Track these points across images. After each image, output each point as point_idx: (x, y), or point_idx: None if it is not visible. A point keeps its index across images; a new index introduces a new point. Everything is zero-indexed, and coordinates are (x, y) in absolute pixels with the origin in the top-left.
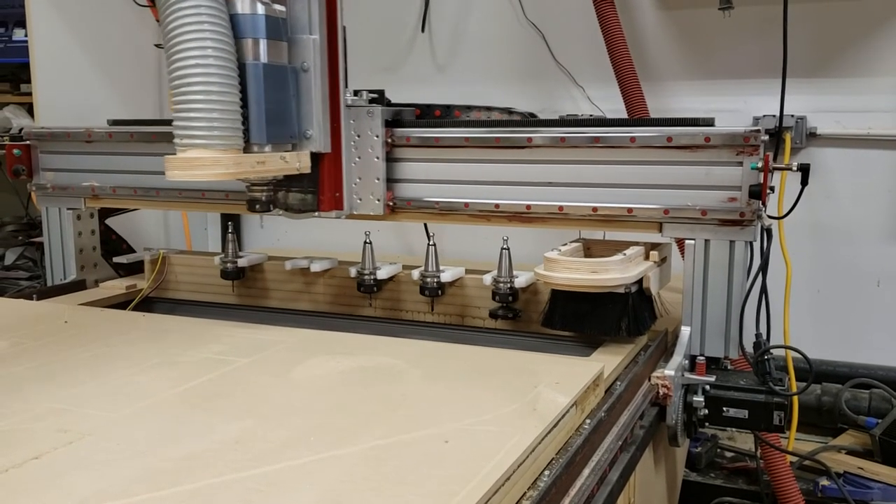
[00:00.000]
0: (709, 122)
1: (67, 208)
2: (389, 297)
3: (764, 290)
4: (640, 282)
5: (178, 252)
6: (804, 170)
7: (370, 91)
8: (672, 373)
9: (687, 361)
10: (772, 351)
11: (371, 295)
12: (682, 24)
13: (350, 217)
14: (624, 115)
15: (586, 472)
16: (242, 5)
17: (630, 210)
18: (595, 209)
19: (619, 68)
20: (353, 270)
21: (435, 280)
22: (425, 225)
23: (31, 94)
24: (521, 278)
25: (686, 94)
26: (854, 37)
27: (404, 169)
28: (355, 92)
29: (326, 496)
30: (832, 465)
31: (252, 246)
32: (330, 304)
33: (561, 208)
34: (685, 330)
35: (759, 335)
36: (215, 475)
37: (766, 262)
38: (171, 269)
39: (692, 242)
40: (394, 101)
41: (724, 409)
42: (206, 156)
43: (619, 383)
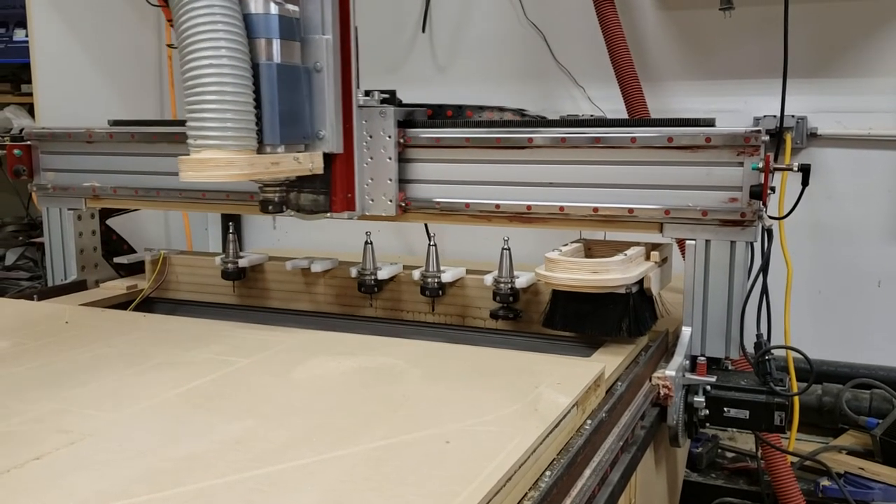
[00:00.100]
0: (709, 123)
1: (68, 209)
2: (390, 297)
3: (765, 291)
4: (640, 282)
5: (178, 252)
6: (805, 170)
7: (381, 91)
8: (673, 373)
9: (688, 362)
10: (772, 351)
11: (372, 295)
12: (683, 25)
13: (362, 218)
14: (624, 115)
15: (587, 472)
16: (256, 5)
17: (631, 210)
18: (596, 209)
19: (619, 68)
20: (353, 271)
21: (436, 280)
22: (426, 225)
23: (31, 94)
24: (522, 279)
25: (686, 95)
26: (855, 37)
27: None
28: (366, 92)
29: (327, 496)
30: (833, 466)
31: (253, 246)
32: (331, 304)
33: (562, 209)
34: (686, 330)
35: (759, 335)
36: (216, 475)
37: (766, 263)
38: (172, 269)
39: (693, 243)
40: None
41: (725, 409)
42: (221, 157)
43: (620, 384)
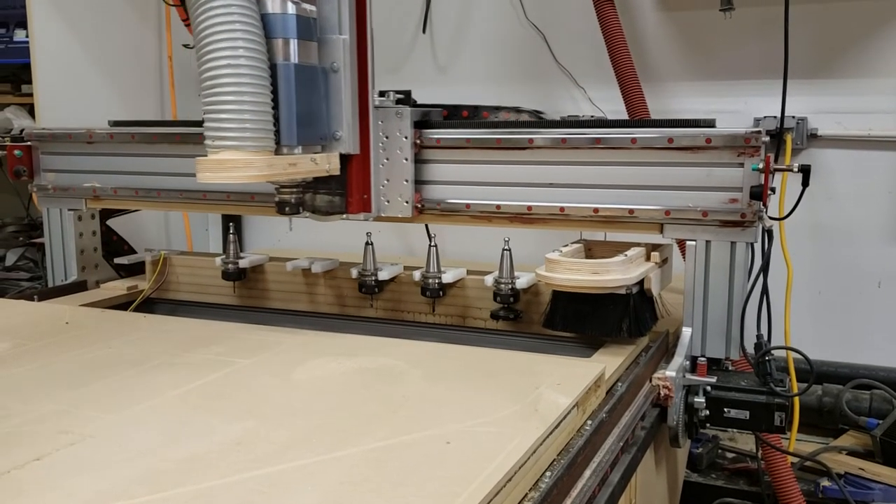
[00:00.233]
0: (710, 124)
1: (68, 209)
2: (390, 297)
3: (765, 291)
4: (641, 283)
5: (179, 253)
6: (805, 171)
7: (396, 91)
8: (673, 374)
9: (688, 362)
10: (773, 352)
11: (372, 296)
12: (683, 25)
13: (378, 219)
14: (625, 116)
15: (588, 473)
16: (273, 5)
17: (631, 211)
18: (596, 210)
19: (619, 69)
20: (354, 271)
21: (436, 281)
22: (426, 225)
23: (32, 94)
24: (523, 279)
25: (687, 96)
26: (855, 38)
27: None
28: (381, 93)
29: (328, 497)
30: (833, 466)
31: (253, 247)
32: (331, 304)
33: (562, 209)
34: (686, 331)
35: (760, 336)
36: (217, 476)
37: (767, 263)
38: (173, 269)
39: (693, 243)
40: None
41: (726, 409)
42: (239, 158)
43: (620, 384)
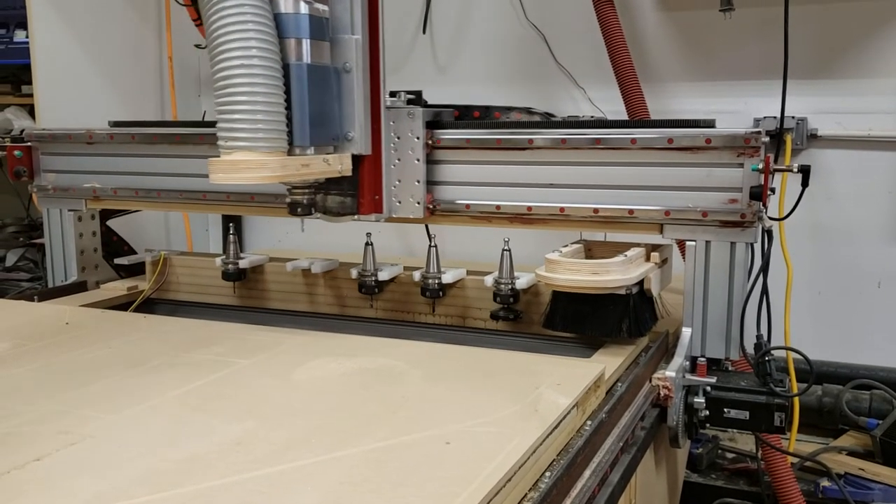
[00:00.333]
0: (709, 124)
1: (68, 210)
2: (390, 298)
3: (765, 292)
4: (641, 283)
5: (179, 253)
6: (805, 171)
7: (407, 92)
8: (673, 374)
9: (688, 363)
10: (773, 352)
11: (372, 296)
12: (683, 26)
13: (389, 220)
14: (625, 116)
15: (587, 473)
16: (286, 5)
17: (631, 211)
18: (596, 210)
19: (619, 70)
20: (354, 272)
21: (436, 281)
22: (426, 226)
23: (32, 95)
24: (523, 279)
25: (687, 96)
26: (855, 38)
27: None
28: (392, 93)
29: (327, 497)
30: (833, 466)
31: (253, 247)
32: (331, 305)
33: (562, 209)
34: (686, 331)
35: (759, 336)
36: (216, 477)
37: (766, 264)
38: (173, 270)
39: (693, 244)
40: None
41: (725, 410)
42: (252, 158)
43: (620, 384)
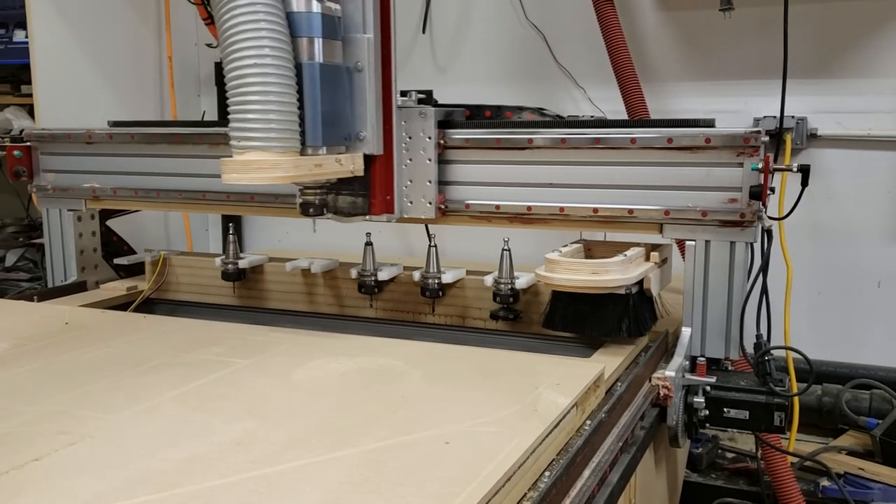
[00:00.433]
0: (709, 124)
1: (68, 210)
2: (390, 298)
3: (764, 291)
4: (640, 283)
5: (178, 253)
6: (804, 171)
7: (418, 91)
8: (673, 374)
9: (687, 362)
10: (772, 352)
11: (372, 296)
12: (683, 25)
13: (401, 221)
14: (624, 116)
15: (587, 473)
16: (298, 3)
17: (631, 211)
18: (596, 210)
19: (619, 69)
20: (353, 272)
21: (436, 281)
22: (426, 226)
23: (31, 95)
24: (522, 279)
25: (686, 96)
26: (855, 38)
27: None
28: (403, 92)
29: (327, 497)
30: (833, 466)
31: (253, 247)
32: (331, 305)
33: (562, 209)
34: (686, 331)
35: (759, 336)
36: (216, 477)
37: (766, 263)
38: (172, 270)
39: (693, 243)
40: None
41: (725, 409)
42: (265, 159)
43: (619, 384)
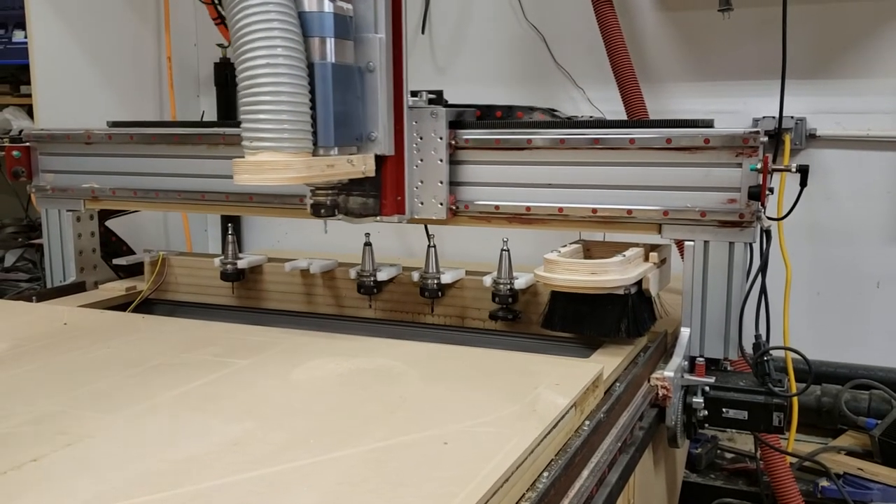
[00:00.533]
0: (708, 124)
1: (67, 210)
2: (389, 298)
3: (763, 292)
4: (639, 283)
5: (177, 254)
6: (803, 171)
7: (429, 91)
8: (671, 374)
9: (686, 363)
10: (771, 352)
11: (371, 296)
12: (682, 26)
13: (411, 221)
14: (624, 116)
15: (585, 473)
16: (310, 3)
17: (629, 211)
18: (595, 210)
19: (618, 70)
20: (352, 272)
21: (435, 281)
22: (426, 226)
23: (30, 95)
24: (521, 280)
25: (685, 96)
26: (854, 38)
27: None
28: (413, 93)
29: (326, 498)
30: (832, 466)
31: (252, 247)
32: (330, 305)
33: (561, 210)
34: (685, 331)
35: (758, 336)
36: (214, 477)
37: (765, 264)
38: (171, 270)
39: (691, 244)
40: None
41: (724, 410)
42: (278, 159)
43: (618, 384)
